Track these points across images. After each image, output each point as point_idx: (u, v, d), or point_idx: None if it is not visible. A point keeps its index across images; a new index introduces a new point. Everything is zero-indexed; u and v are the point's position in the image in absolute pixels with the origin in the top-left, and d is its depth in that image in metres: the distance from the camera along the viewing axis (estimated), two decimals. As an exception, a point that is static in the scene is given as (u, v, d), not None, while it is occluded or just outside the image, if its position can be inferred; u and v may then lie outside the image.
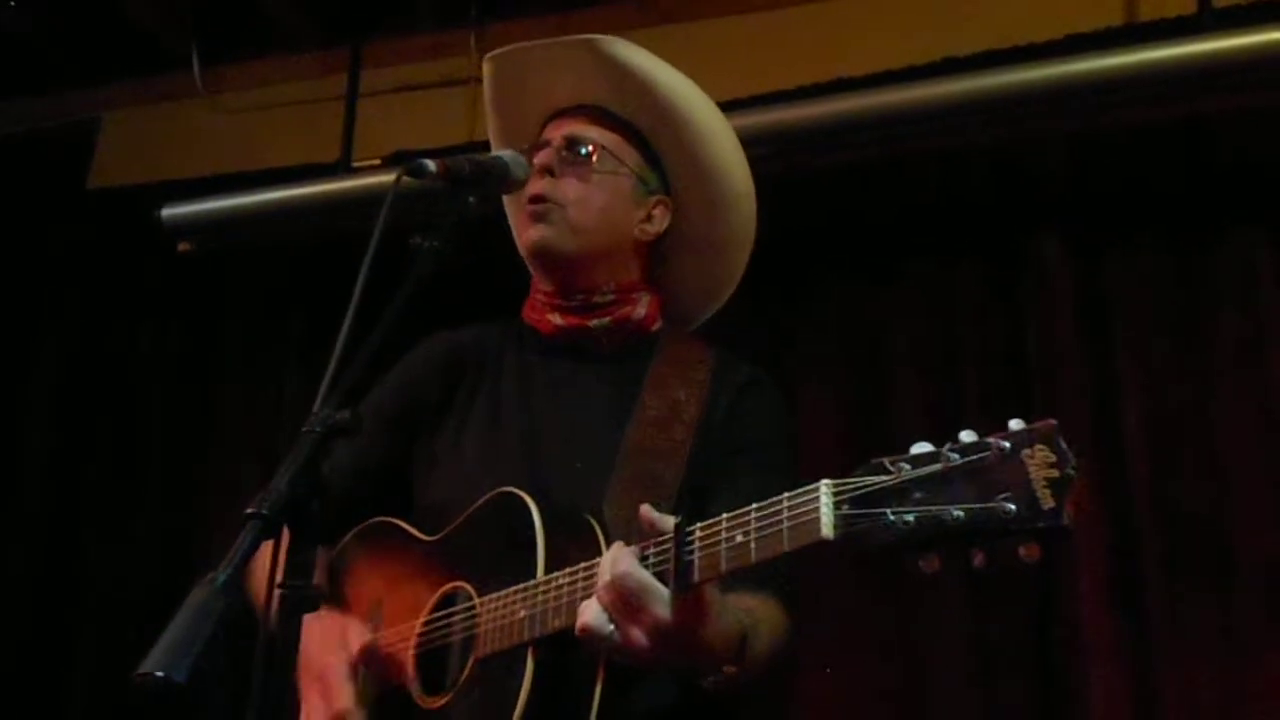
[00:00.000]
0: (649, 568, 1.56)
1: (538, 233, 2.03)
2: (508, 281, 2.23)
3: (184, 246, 4.07)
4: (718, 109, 2.16)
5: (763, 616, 1.73)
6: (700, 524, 1.55)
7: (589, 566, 1.66)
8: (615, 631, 1.57)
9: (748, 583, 1.66)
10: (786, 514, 1.45)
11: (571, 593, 1.66)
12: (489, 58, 2.21)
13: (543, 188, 2.03)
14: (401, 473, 2.06)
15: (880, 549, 1.36)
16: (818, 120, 3.47)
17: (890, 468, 1.37)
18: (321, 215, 3.93)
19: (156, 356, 4.39)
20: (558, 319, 2.06)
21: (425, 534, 1.96)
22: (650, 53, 2.12)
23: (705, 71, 2.18)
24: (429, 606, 1.86)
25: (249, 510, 1.35)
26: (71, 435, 4.35)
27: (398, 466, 2.07)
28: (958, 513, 1.31)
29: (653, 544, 1.58)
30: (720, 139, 2.13)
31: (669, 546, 1.55)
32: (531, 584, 1.72)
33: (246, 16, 4.23)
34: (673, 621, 1.54)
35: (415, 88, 4.12)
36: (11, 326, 4.49)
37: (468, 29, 4.05)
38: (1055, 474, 1.28)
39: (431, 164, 1.76)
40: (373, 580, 1.99)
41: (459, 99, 4.00)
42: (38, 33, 4.32)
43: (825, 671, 3.33)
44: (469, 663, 1.76)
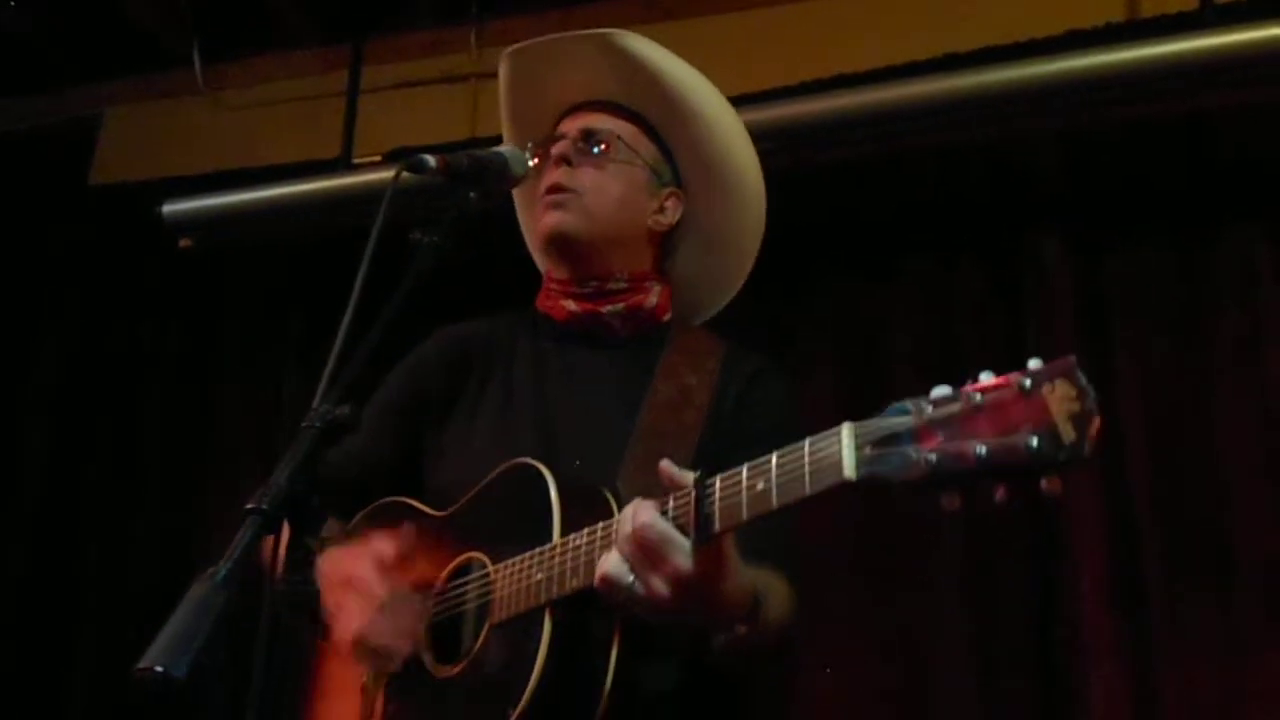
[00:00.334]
0: (669, 520, 1.55)
1: (555, 218, 2.04)
2: (508, 276, 2.23)
3: (185, 243, 4.07)
4: (728, 103, 2.18)
5: (772, 584, 1.73)
6: (720, 474, 1.53)
7: (606, 526, 1.64)
8: (636, 582, 1.55)
9: (751, 556, 1.65)
10: (808, 458, 1.44)
11: (590, 553, 1.64)
12: (506, 55, 2.22)
13: (560, 177, 2.05)
14: (413, 463, 2.06)
15: (903, 486, 1.35)
16: (818, 116, 3.46)
17: (911, 408, 1.36)
18: (322, 212, 3.93)
19: (156, 356, 4.38)
20: (571, 305, 2.08)
21: (436, 510, 1.95)
22: (661, 46, 2.13)
23: (705, 67, 2.19)
24: (443, 578, 1.85)
25: (249, 506, 1.35)
26: (71, 435, 4.35)
27: (408, 457, 2.07)
28: (980, 449, 1.29)
29: (672, 498, 1.57)
30: (730, 133, 2.16)
31: (688, 499, 1.54)
32: (547, 547, 1.71)
33: (247, 13, 4.22)
34: (693, 572, 1.53)
35: (416, 84, 4.12)
36: (11, 325, 4.48)
37: (468, 25, 4.05)
38: (1077, 407, 1.26)
39: (431, 159, 1.77)
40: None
41: (460, 95, 4.01)
42: (38, 31, 4.32)
43: (826, 671, 3.32)
44: (484, 629, 1.75)
